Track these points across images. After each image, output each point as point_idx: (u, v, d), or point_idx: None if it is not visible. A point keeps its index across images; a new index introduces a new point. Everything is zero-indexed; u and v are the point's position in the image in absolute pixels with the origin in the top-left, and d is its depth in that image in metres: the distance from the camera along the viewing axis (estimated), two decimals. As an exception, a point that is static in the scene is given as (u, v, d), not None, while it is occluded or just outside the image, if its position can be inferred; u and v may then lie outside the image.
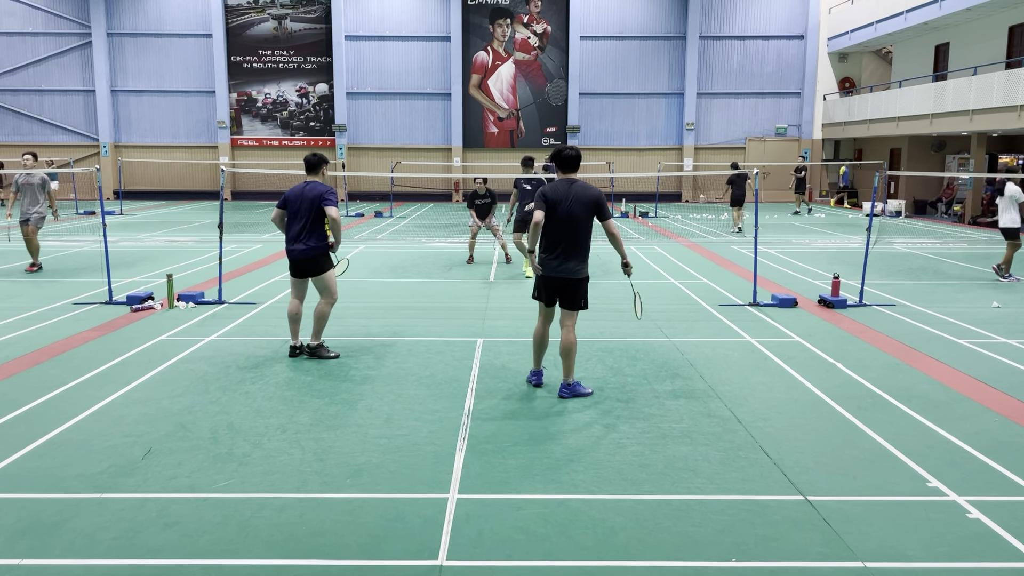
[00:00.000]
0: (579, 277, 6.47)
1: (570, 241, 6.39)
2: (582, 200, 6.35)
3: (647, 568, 3.93)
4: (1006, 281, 12.77)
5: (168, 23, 33.03)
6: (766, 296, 10.93)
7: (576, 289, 6.50)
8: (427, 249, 16.84)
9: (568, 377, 6.59)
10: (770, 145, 33.42)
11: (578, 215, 6.35)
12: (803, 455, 5.37)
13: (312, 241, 7.56)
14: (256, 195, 33.30)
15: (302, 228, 7.54)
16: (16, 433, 5.69)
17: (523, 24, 33.14)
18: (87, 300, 10.63)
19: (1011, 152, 25.96)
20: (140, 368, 7.39)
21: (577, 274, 6.46)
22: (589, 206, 6.37)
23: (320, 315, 7.75)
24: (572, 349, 6.51)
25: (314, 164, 7.77)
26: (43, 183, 13.05)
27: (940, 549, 4.12)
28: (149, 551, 4.05)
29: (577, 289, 6.50)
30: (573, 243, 6.40)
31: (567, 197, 6.35)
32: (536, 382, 6.90)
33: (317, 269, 7.66)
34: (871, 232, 11.00)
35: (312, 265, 7.64)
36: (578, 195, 6.36)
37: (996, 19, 24.16)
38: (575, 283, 6.47)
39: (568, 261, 6.42)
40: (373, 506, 4.57)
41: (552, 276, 6.48)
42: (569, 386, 6.58)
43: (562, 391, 6.57)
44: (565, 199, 6.35)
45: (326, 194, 7.59)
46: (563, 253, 6.40)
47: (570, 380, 6.59)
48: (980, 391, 6.83)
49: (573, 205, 6.34)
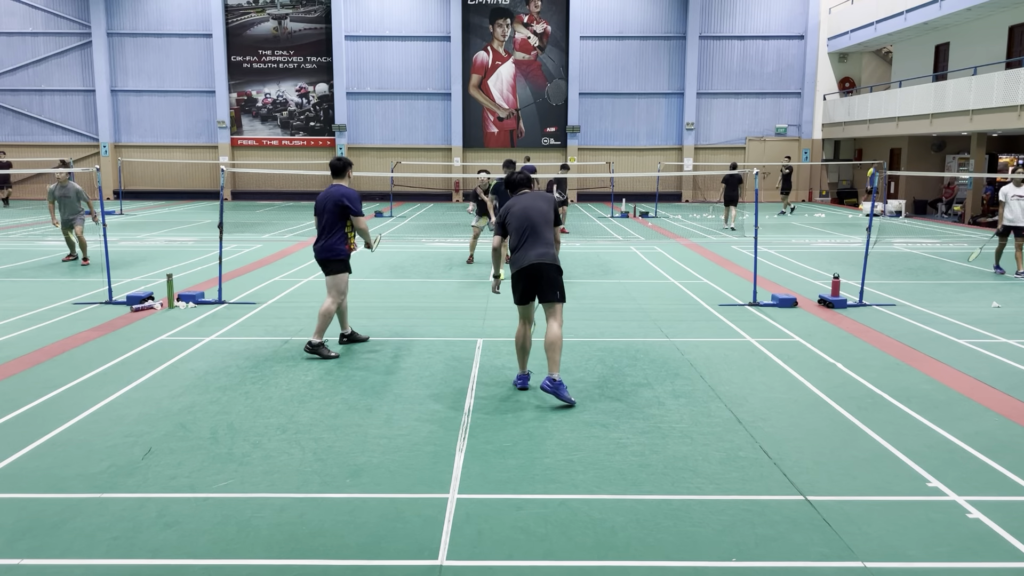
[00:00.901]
0: (549, 262, 6.46)
1: (531, 235, 6.52)
2: (537, 202, 6.68)
3: (647, 568, 3.93)
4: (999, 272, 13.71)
5: (168, 23, 33.02)
6: (766, 296, 10.93)
7: (551, 277, 6.46)
8: (427, 249, 16.84)
9: (553, 371, 6.38)
10: (770, 145, 33.42)
11: (536, 209, 6.61)
12: (803, 455, 5.37)
13: (324, 241, 7.88)
14: (256, 195, 33.29)
15: (321, 228, 7.91)
16: (16, 433, 5.69)
17: (523, 24, 33.13)
18: (87, 300, 10.64)
19: (1011, 152, 25.96)
20: (140, 368, 7.39)
21: (546, 259, 6.45)
22: (546, 205, 6.67)
23: (324, 312, 7.85)
24: (557, 343, 6.38)
25: (339, 168, 8.04)
26: (78, 194, 14.13)
27: (940, 549, 4.12)
28: (149, 551, 4.05)
29: (552, 277, 6.46)
30: (534, 235, 6.51)
31: (519, 201, 6.71)
32: (521, 385, 6.88)
33: (327, 268, 7.96)
34: (871, 232, 11.00)
35: (324, 264, 7.98)
36: (531, 196, 6.76)
37: (996, 19, 24.16)
38: (548, 268, 6.44)
39: (532, 250, 6.47)
40: (373, 506, 4.57)
41: (524, 267, 6.49)
42: (554, 381, 6.33)
43: (545, 384, 6.34)
44: (518, 203, 6.69)
45: (344, 198, 7.81)
46: (528, 246, 6.50)
47: (555, 375, 6.36)
48: (980, 391, 6.83)
49: (528, 202, 6.67)
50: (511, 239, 6.65)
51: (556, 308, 6.52)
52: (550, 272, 6.46)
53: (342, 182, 7.99)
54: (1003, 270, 13.74)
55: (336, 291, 7.89)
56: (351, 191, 7.96)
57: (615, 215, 25.99)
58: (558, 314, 6.53)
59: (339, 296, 7.92)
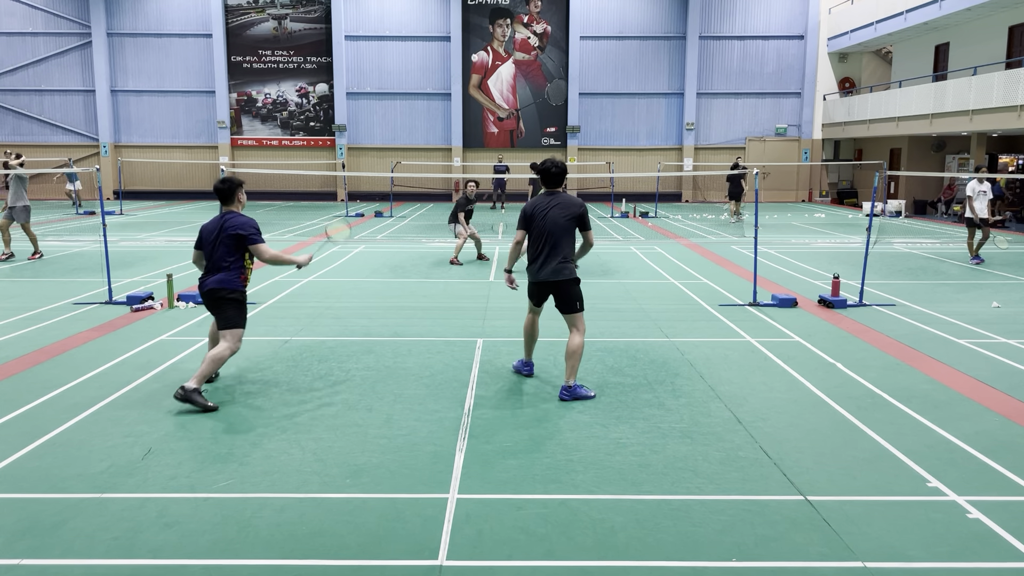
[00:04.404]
0: (564, 279, 6.50)
1: (550, 249, 6.50)
2: (564, 211, 6.53)
3: (647, 568, 3.93)
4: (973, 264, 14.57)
5: (168, 23, 33.03)
6: (766, 296, 10.93)
7: (566, 290, 6.53)
8: (427, 249, 16.83)
9: (570, 379, 6.52)
10: (770, 145, 33.43)
11: (559, 224, 6.49)
12: (803, 455, 5.37)
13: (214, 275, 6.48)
14: (256, 195, 33.24)
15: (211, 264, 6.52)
16: (16, 433, 5.69)
17: (523, 24, 33.14)
18: (87, 300, 10.63)
19: (1011, 152, 25.96)
20: (140, 368, 7.39)
21: (560, 275, 6.50)
22: (571, 218, 6.54)
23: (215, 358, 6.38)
24: (577, 352, 6.48)
25: (226, 193, 6.57)
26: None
27: (940, 549, 4.12)
28: (149, 551, 4.05)
29: (568, 290, 6.53)
30: (553, 250, 6.50)
31: (548, 207, 6.53)
32: (528, 372, 7.14)
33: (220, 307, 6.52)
34: (871, 232, 11.00)
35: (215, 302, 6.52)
36: (560, 205, 6.54)
37: (996, 19, 24.16)
38: (564, 284, 6.52)
39: (547, 265, 6.51)
40: (373, 506, 4.57)
41: (538, 281, 6.62)
42: (570, 388, 6.49)
43: (563, 394, 6.49)
44: (546, 210, 6.52)
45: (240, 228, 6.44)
46: (545, 259, 6.53)
47: (571, 383, 6.51)
48: (980, 391, 6.83)
49: (554, 214, 6.50)
50: (531, 245, 6.62)
51: (576, 318, 6.57)
52: (566, 287, 6.53)
53: (232, 208, 6.57)
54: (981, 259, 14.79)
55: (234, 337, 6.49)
56: (247, 219, 6.53)
57: (615, 215, 25.99)
58: (579, 323, 6.57)
59: (237, 342, 6.51)
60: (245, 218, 6.55)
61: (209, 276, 6.51)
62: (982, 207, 14.66)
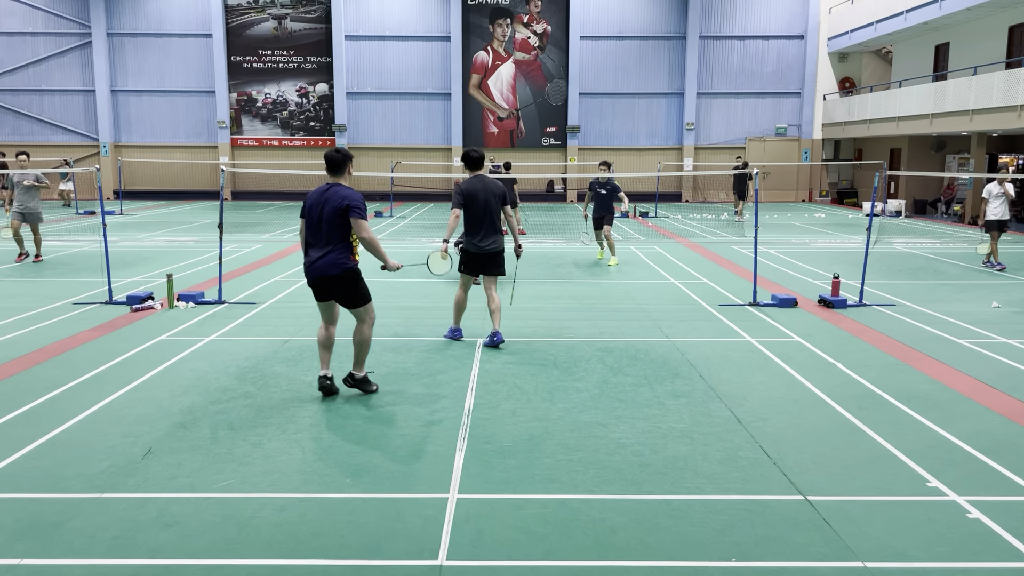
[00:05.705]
0: (499, 249, 8.17)
1: (488, 224, 8.08)
2: (493, 192, 8.08)
3: (647, 568, 3.93)
4: (992, 268, 14.08)
5: (168, 23, 33.02)
6: (766, 296, 10.93)
7: (498, 260, 8.20)
8: (427, 249, 16.81)
9: (497, 327, 8.21)
10: (770, 145, 33.43)
11: (492, 204, 8.05)
12: (803, 455, 5.37)
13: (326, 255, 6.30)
14: (256, 195, 33.28)
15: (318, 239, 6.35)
16: (16, 433, 5.69)
17: (523, 24, 33.13)
18: (87, 300, 10.63)
19: (1011, 152, 25.95)
20: (140, 368, 7.39)
21: (496, 246, 8.14)
22: (499, 196, 8.11)
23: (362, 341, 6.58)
24: (500, 307, 8.26)
25: (338, 163, 6.45)
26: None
27: (940, 549, 4.12)
28: (149, 551, 4.05)
29: (498, 260, 8.21)
30: (491, 225, 8.10)
31: (483, 191, 8.02)
32: (456, 336, 8.50)
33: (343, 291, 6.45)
34: (871, 232, 11.00)
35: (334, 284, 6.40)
36: (489, 188, 8.07)
37: (996, 19, 24.15)
38: (497, 254, 8.18)
39: (488, 238, 8.09)
40: (373, 506, 4.57)
41: (478, 252, 8.14)
42: (496, 334, 8.17)
43: (488, 341, 8.17)
44: (482, 192, 8.01)
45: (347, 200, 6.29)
46: (485, 234, 8.08)
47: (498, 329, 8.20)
48: (980, 391, 6.83)
49: (487, 196, 8.02)
50: (470, 221, 8.07)
51: (495, 280, 8.28)
52: (500, 257, 8.25)
53: (341, 181, 6.45)
54: (1003, 265, 14.15)
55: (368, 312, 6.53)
56: (354, 191, 6.44)
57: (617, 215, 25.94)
58: (496, 284, 8.30)
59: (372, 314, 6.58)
60: (351, 190, 6.42)
61: (317, 256, 6.25)
62: (996, 209, 13.95)
